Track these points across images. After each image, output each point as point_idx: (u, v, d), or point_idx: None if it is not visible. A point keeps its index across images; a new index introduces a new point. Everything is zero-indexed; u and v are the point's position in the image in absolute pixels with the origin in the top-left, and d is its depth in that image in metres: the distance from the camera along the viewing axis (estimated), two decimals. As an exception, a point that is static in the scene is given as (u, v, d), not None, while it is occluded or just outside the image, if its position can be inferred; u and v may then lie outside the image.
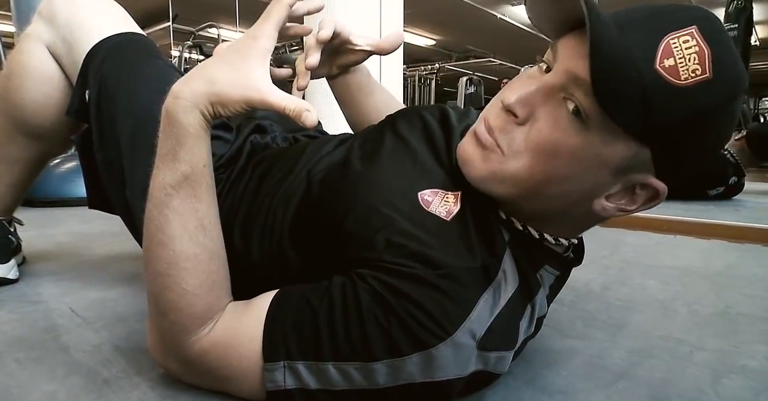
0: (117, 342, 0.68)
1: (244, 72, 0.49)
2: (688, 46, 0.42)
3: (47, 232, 1.45)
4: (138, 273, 1.03)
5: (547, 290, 0.58)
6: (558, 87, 0.47)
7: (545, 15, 0.48)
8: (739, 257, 1.34)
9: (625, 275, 1.11)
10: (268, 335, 0.48)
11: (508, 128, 0.50)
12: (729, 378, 0.63)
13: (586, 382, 0.61)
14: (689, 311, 0.88)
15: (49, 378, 0.58)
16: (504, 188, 0.51)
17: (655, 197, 0.49)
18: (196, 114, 0.49)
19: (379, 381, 0.46)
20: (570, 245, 0.59)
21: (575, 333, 0.76)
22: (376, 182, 0.57)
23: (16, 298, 0.86)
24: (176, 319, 0.50)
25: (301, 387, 0.48)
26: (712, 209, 2.08)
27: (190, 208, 0.50)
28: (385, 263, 0.48)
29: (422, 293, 0.46)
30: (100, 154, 0.77)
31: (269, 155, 0.76)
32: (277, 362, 0.48)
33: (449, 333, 0.45)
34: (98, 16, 0.81)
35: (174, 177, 0.50)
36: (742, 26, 4.09)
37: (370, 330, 0.45)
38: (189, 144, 0.49)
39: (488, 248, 0.52)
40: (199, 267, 0.50)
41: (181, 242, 0.50)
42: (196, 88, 0.48)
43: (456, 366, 0.47)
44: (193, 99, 0.48)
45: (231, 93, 0.48)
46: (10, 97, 0.84)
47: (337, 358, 0.46)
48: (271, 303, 0.51)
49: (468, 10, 7.67)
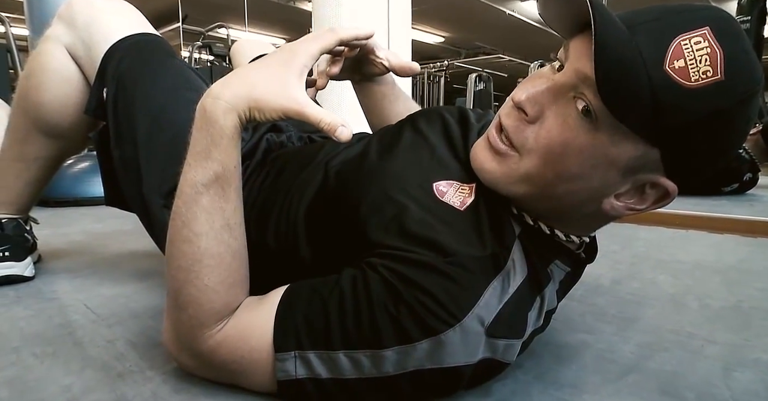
0: (130, 337, 0.70)
1: (283, 82, 0.50)
2: (699, 47, 0.42)
3: (61, 231, 1.47)
4: (151, 270, 1.04)
5: (557, 284, 0.58)
6: (568, 86, 0.47)
7: (556, 15, 0.48)
8: (751, 251, 1.32)
9: (636, 270, 1.10)
10: (279, 326, 0.49)
11: (520, 126, 0.50)
12: (740, 372, 0.62)
13: (596, 376, 0.61)
14: (700, 305, 0.87)
15: (65, 371, 0.60)
16: (516, 188, 0.52)
17: (665, 197, 0.49)
18: (234, 116, 0.49)
19: (389, 368, 0.47)
20: (582, 242, 0.59)
21: (585, 328, 0.76)
22: (392, 172, 0.58)
23: (32, 295, 0.88)
24: (194, 314, 0.51)
25: (312, 377, 0.49)
26: (726, 204, 2.06)
27: (218, 207, 0.51)
28: (395, 250, 0.49)
29: (431, 281, 0.46)
30: (117, 151, 0.79)
31: (286, 153, 0.78)
32: (288, 352, 0.49)
33: (458, 319, 0.46)
34: (116, 18, 0.84)
35: (206, 175, 0.50)
36: (755, 18, 4.02)
37: (380, 317, 0.46)
38: (224, 144, 0.50)
39: (498, 238, 0.52)
40: (222, 265, 0.52)
41: (207, 239, 0.51)
42: (237, 91, 0.49)
43: (464, 353, 0.47)
44: (233, 101, 0.49)
45: (270, 100, 0.49)
46: (29, 96, 0.86)
47: (347, 346, 0.47)
48: (282, 296, 0.52)
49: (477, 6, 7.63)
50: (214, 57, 4.82)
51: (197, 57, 4.97)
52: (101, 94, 0.80)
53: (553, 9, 0.48)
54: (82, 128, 0.90)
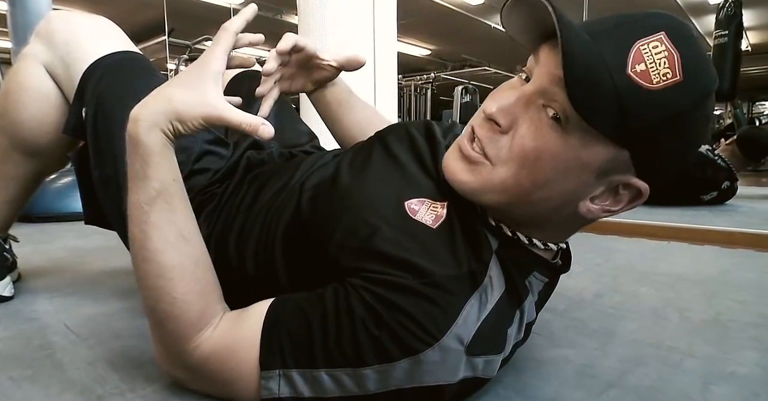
0: (111, 358, 0.69)
1: (199, 91, 0.52)
2: (657, 51, 0.44)
3: (42, 248, 1.45)
4: (133, 289, 1.03)
5: (535, 296, 0.59)
6: (538, 94, 0.48)
7: (521, 26, 0.50)
8: (731, 262, 1.35)
9: (618, 283, 1.11)
10: (265, 343, 0.50)
11: (494, 137, 0.51)
12: (718, 385, 0.63)
13: (577, 391, 0.61)
14: (681, 317, 0.89)
15: (44, 396, 0.59)
16: (492, 197, 0.53)
17: (638, 197, 0.51)
18: (157, 132, 0.51)
19: (370, 386, 0.48)
20: (559, 250, 0.61)
21: (566, 342, 0.77)
22: (363, 194, 0.59)
23: (10, 315, 0.87)
24: (173, 328, 0.52)
25: (295, 396, 0.49)
26: (706, 215, 2.10)
27: (166, 220, 0.53)
28: (373, 273, 0.50)
29: (410, 302, 0.47)
30: (96, 171, 0.78)
31: (265, 171, 0.77)
32: (273, 370, 0.49)
33: (437, 339, 0.46)
34: (95, 36, 0.83)
35: (147, 194, 0.52)
36: (732, 33, 4.14)
37: (361, 337, 0.47)
38: (155, 162, 0.52)
39: (474, 254, 0.53)
40: (185, 275, 0.53)
41: (163, 253, 0.52)
42: (154, 108, 0.52)
43: (445, 372, 0.48)
44: (152, 119, 0.51)
45: (189, 110, 0.51)
46: (7, 115, 0.85)
47: (329, 365, 0.48)
48: (267, 311, 0.52)
49: (462, 19, 7.73)
50: (200, 70, 4.82)
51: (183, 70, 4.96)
52: (80, 114, 0.79)
53: (517, 21, 0.49)
54: (60, 146, 0.89)
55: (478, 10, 7.44)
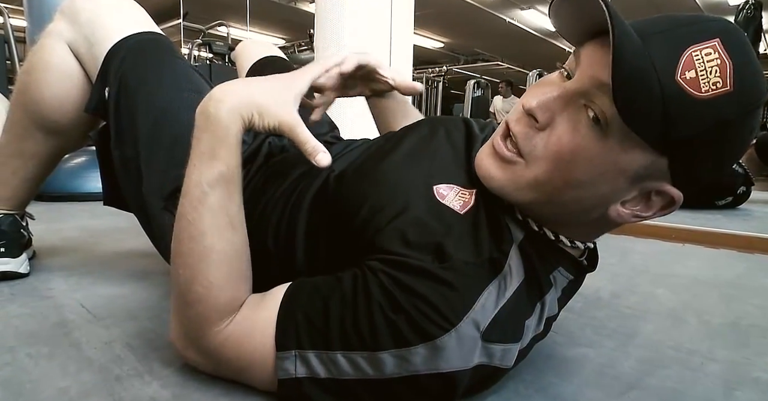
0: (128, 339, 0.69)
1: (283, 98, 0.54)
2: (710, 58, 0.42)
3: (56, 227, 1.46)
4: (147, 270, 1.03)
5: (559, 292, 0.58)
6: (579, 93, 0.47)
7: (569, 22, 0.48)
8: (748, 267, 1.33)
9: (635, 284, 1.10)
10: (281, 325, 0.50)
11: (530, 133, 0.50)
12: (741, 391, 0.62)
13: (598, 391, 0.60)
14: (699, 321, 0.87)
15: (62, 374, 0.59)
16: (522, 195, 0.52)
17: (671, 204, 0.50)
18: (238, 118, 0.52)
19: (386, 370, 0.47)
20: (586, 249, 0.60)
21: (585, 341, 0.76)
22: (393, 174, 0.59)
23: (27, 292, 0.87)
24: (201, 311, 0.52)
25: (311, 376, 0.49)
26: (721, 219, 2.07)
27: (222, 206, 0.53)
28: (394, 255, 0.50)
29: (428, 286, 0.47)
30: (117, 151, 0.78)
31: (288, 157, 0.78)
32: (289, 351, 0.49)
33: (453, 325, 0.46)
34: (120, 15, 0.83)
35: (211, 175, 0.52)
36: (750, 35, 4.08)
37: (378, 321, 0.47)
38: (228, 144, 0.52)
39: (496, 242, 0.53)
40: (225, 262, 0.53)
41: (212, 237, 0.52)
42: (241, 96, 0.52)
43: (460, 357, 0.47)
44: (237, 103, 0.52)
45: (270, 110, 0.52)
46: (29, 92, 0.85)
47: (346, 348, 0.48)
48: (285, 294, 0.53)
49: (477, 13, 7.67)
50: (213, 55, 4.80)
51: (197, 55, 4.95)
52: (103, 93, 0.79)
53: (566, 16, 0.48)
54: (81, 125, 0.89)
55: (493, 4, 7.38)
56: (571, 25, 0.48)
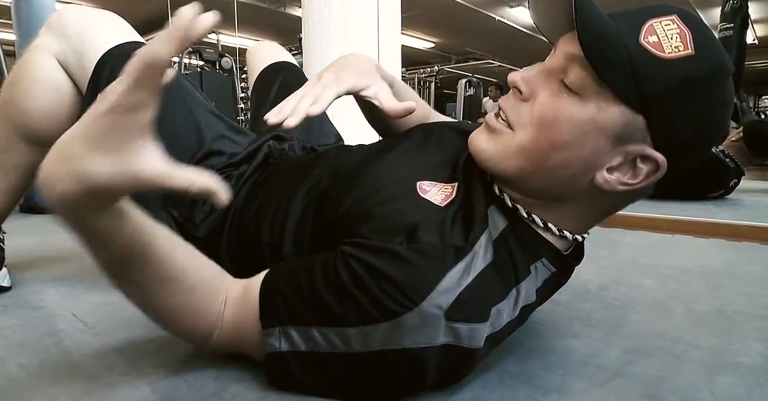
0: (119, 346, 0.69)
1: (121, 156, 0.39)
2: (669, 28, 0.49)
3: (49, 238, 1.46)
4: (139, 278, 1.04)
5: (539, 282, 0.59)
6: (557, 69, 0.53)
7: (545, 15, 0.55)
8: (736, 255, 1.34)
9: (623, 275, 1.11)
10: (263, 307, 0.54)
11: (516, 105, 0.56)
12: (723, 376, 0.63)
13: (582, 381, 0.62)
14: (685, 309, 0.89)
15: (52, 382, 0.59)
16: (510, 163, 0.56)
17: (656, 170, 0.52)
18: (87, 216, 0.42)
19: (354, 345, 0.50)
20: (574, 240, 0.61)
21: (572, 333, 0.77)
22: (380, 172, 0.64)
23: (18, 304, 0.87)
24: (189, 338, 0.59)
25: (293, 350, 0.53)
26: (711, 208, 2.09)
27: (148, 275, 0.50)
28: (364, 238, 0.53)
29: (393, 266, 0.49)
30: None
31: (289, 159, 0.83)
32: (273, 328, 0.53)
33: (416, 303, 0.48)
34: (107, 27, 0.86)
35: (114, 261, 0.48)
36: (737, 25, 4.10)
37: (346, 300, 0.50)
38: (106, 237, 0.44)
39: (467, 229, 0.55)
40: (183, 308, 0.54)
41: (156, 301, 0.53)
42: (65, 195, 0.39)
43: (424, 335, 0.49)
44: (70, 209, 0.41)
45: (111, 185, 0.39)
46: (15, 104, 0.86)
47: (319, 323, 0.51)
48: (264, 278, 0.56)
49: (466, 12, 7.69)
50: (204, 62, 4.81)
51: (187, 62, 4.95)
52: (94, 101, 0.80)
53: (542, 11, 0.55)
54: None
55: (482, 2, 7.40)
56: (548, 17, 0.54)
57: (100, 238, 0.44)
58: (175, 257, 0.51)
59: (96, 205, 0.41)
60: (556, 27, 0.54)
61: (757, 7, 6.62)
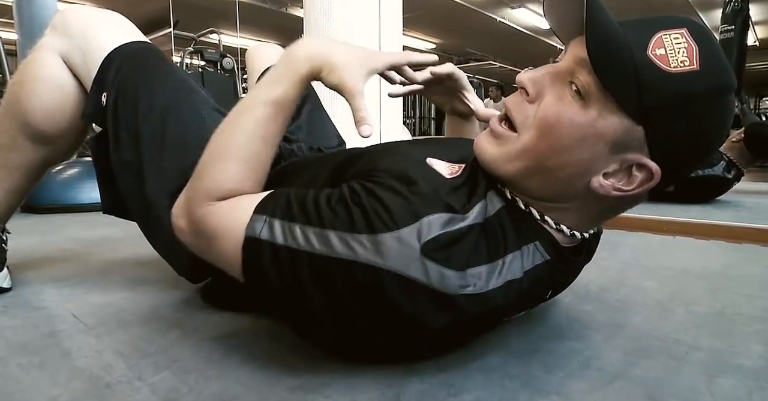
0: (119, 347, 0.69)
1: (357, 65, 0.60)
2: (678, 41, 0.49)
3: (50, 238, 1.46)
4: (140, 279, 1.04)
5: (528, 264, 0.58)
6: (565, 71, 0.54)
7: (561, 17, 0.55)
8: (737, 257, 1.34)
9: (624, 277, 1.11)
10: (264, 199, 0.57)
11: (522, 105, 0.57)
12: (724, 378, 0.63)
13: (583, 383, 0.61)
14: (686, 311, 0.88)
15: (52, 383, 0.59)
16: (513, 165, 0.57)
17: (650, 179, 0.53)
18: (309, 64, 0.60)
19: (331, 248, 0.52)
20: (573, 236, 0.61)
21: (572, 334, 0.77)
22: (393, 148, 0.70)
23: (18, 304, 0.87)
24: (206, 184, 0.59)
25: (270, 240, 0.54)
26: (711, 210, 2.09)
27: (265, 121, 0.60)
28: (372, 177, 0.57)
29: (389, 196, 0.53)
30: (116, 156, 0.81)
31: (302, 158, 0.85)
32: (262, 215, 0.55)
33: (398, 227, 0.51)
34: (111, 26, 0.87)
35: (269, 95, 0.60)
36: (738, 27, 4.11)
37: (338, 208, 0.54)
38: (293, 79, 0.60)
39: (466, 199, 0.58)
40: (244, 159, 0.60)
41: (242, 137, 0.60)
42: (320, 49, 0.61)
43: (396, 260, 0.51)
44: (313, 53, 0.60)
45: (340, 69, 0.59)
46: (20, 103, 0.86)
47: (304, 222, 0.54)
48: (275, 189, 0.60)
49: (468, 13, 7.70)
50: (205, 63, 4.81)
51: (188, 62, 4.96)
52: (99, 100, 0.82)
53: (557, 13, 0.55)
54: (70, 135, 0.91)
55: (483, 3, 7.40)
56: (563, 21, 0.55)
57: (290, 81, 0.60)
58: (278, 140, 0.63)
59: (316, 70, 0.60)
60: (570, 29, 0.55)
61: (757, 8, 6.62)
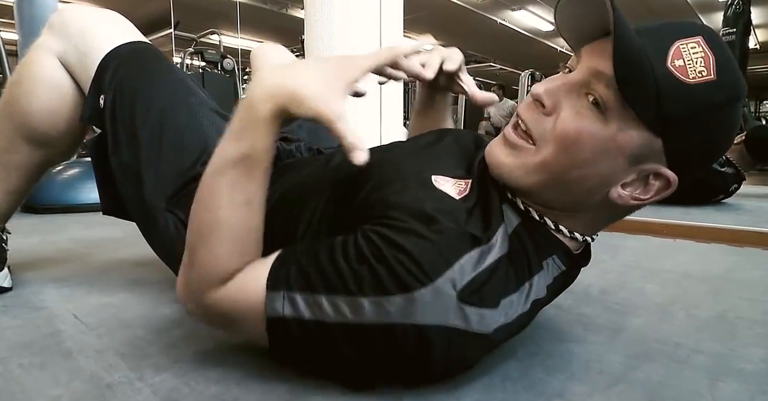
0: (120, 347, 0.69)
1: (330, 90, 0.52)
2: (695, 51, 0.49)
3: (50, 238, 1.46)
4: (140, 279, 1.04)
5: (549, 278, 0.60)
6: (580, 83, 0.53)
7: (571, 23, 0.54)
8: (738, 260, 1.34)
9: (625, 279, 1.11)
10: (273, 271, 0.53)
11: (539, 118, 0.56)
12: (725, 382, 0.63)
13: (584, 386, 0.61)
14: (687, 315, 0.88)
15: (53, 383, 0.59)
16: (530, 179, 0.57)
17: (667, 187, 0.54)
18: (271, 104, 0.52)
19: (365, 316, 0.50)
20: (584, 241, 0.62)
21: (574, 337, 0.77)
22: (396, 164, 0.64)
23: (19, 304, 0.87)
24: (203, 275, 0.56)
25: (297, 317, 0.52)
26: (712, 213, 2.09)
27: (241, 184, 0.54)
28: (387, 219, 0.53)
29: (412, 243, 0.50)
30: (115, 158, 0.80)
31: (298, 160, 0.82)
32: (278, 291, 0.52)
33: (431, 279, 0.48)
34: (109, 26, 0.85)
35: (235, 153, 0.54)
36: (740, 30, 4.11)
37: (362, 269, 0.50)
38: (255, 127, 0.53)
39: (485, 223, 0.56)
40: (235, 238, 0.55)
41: (225, 210, 0.54)
42: (280, 82, 0.52)
43: (435, 313, 0.49)
44: (274, 90, 0.52)
45: (308, 101, 0.51)
46: (18, 104, 0.86)
47: (330, 291, 0.50)
48: (280, 252, 0.56)
49: (468, 15, 7.71)
50: (205, 63, 4.82)
51: (189, 63, 4.96)
52: (97, 102, 0.81)
53: (569, 18, 0.54)
54: (69, 137, 0.90)
55: (484, 5, 7.41)
56: (575, 27, 0.54)
57: (252, 128, 0.53)
58: (262, 197, 0.56)
59: (283, 106, 0.51)
60: (583, 36, 0.54)
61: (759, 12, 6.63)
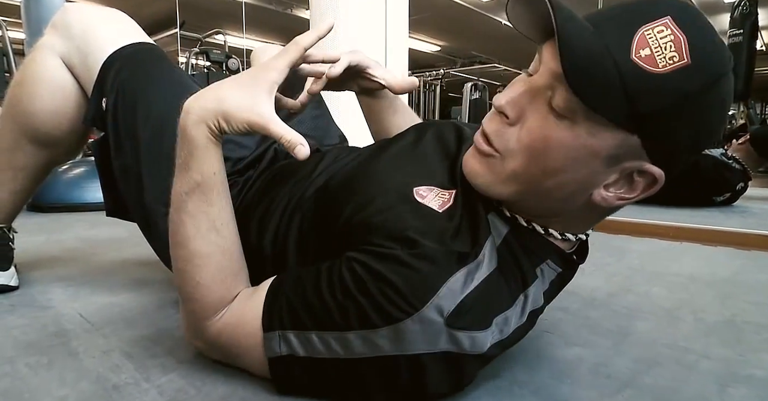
0: (126, 347, 0.69)
1: (252, 98, 0.53)
2: (663, 35, 0.44)
3: (55, 237, 1.47)
4: (145, 279, 1.04)
5: (546, 284, 0.59)
6: (543, 87, 0.49)
7: (526, 22, 0.50)
8: (744, 264, 1.33)
9: (631, 283, 1.10)
10: (267, 310, 0.54)
11: (501, 130, 0.52)
12: (735, 388, 0.63)
13: (592, 391, 0.61)
14: (695, 319, 0.88)
15: (60, 383, 0.59)
16: (508, 189, 0.54)
17: (653, 183, 0.50)
18: (203, 128, 0.54)
19: (354, 350, 0.50)
20: (578, 240, 0.60)
21: (580, 341, 0.76)
22: (377, 179, 0.61)
23: (25, 303, 0.87)
24: (194, 307, 0.57)
25: (292, 354, 0.53)
26: (718, 216, 2.08)
27: (201, 211, 0.56)
28: (370, 245, 0.52)
29: (395, 272, 0.49)
30: (117, 161, 0.79)
31: (289, 163, 0.80)
32: (273, 331, 0.53)
33: (417, 309, 0.48)
34: (112, 27, 0.84)
35: (187, 185, 0.55)
36: (747, 31, 4.08)
37: (347, 304, 0.50)
38: (197, 155, 0.54)
39: (472, 235, 0.54)
40: (211, 263, 0.56)
41: (194, 241, 0.56)
42: (204, 105, 0.54)
43: (424, 341, 0.49)
44: (201, 114, 0.53)
45: (236, 113, 0.53)
46: (21, 105, 0.85)
47: (319, 328, 0.51)
48: (271, 284, 0.56)
49: (473, 16, 7.68)
50: (211, 63, 4.83)
51: (194, 63, 4.97)
52: (100, 104, 0.80)
53: (521, 18, 0.50)
54: (73, 137, 0.90)
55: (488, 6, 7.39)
56: (529, 24, 0.50)
57: (195, 157, 0.54)
58: (228, 218, 0.58)
59: (215, 126, 0.53)
60: (539, 33, 0.50)
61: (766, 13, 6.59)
